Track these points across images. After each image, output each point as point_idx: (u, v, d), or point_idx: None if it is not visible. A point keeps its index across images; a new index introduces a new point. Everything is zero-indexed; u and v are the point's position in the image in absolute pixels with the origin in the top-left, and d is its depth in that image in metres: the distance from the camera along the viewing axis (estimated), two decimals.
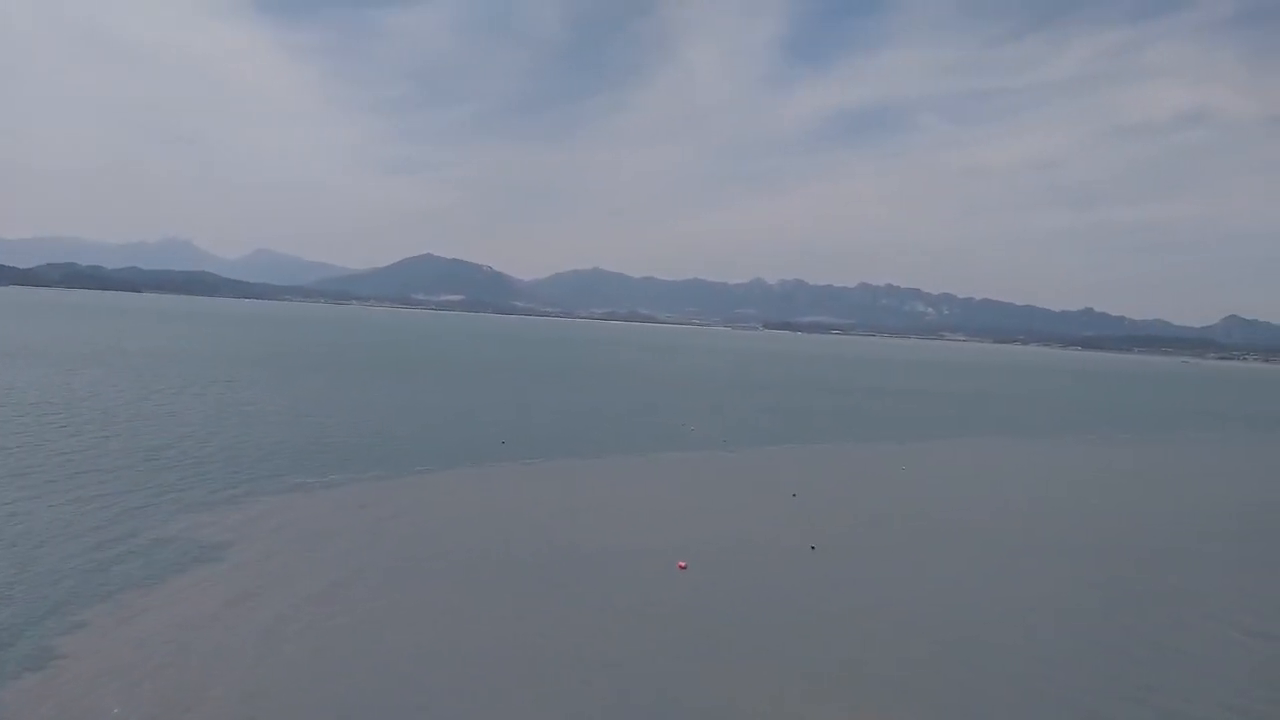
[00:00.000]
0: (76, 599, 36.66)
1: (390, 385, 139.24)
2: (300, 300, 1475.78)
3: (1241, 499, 79.90)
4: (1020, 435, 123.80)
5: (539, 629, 36.50)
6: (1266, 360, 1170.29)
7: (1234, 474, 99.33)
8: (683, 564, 46.88)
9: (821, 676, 33.16)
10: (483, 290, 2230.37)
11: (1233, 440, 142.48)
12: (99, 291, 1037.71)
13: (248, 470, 65.04)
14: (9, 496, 52.62)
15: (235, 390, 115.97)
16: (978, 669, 34.87)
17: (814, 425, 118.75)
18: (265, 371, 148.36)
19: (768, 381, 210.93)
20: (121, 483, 58.43)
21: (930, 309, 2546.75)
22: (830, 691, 31.85)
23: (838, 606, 41.77)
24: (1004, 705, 31.59)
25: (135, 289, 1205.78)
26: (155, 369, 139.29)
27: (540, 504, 60.03)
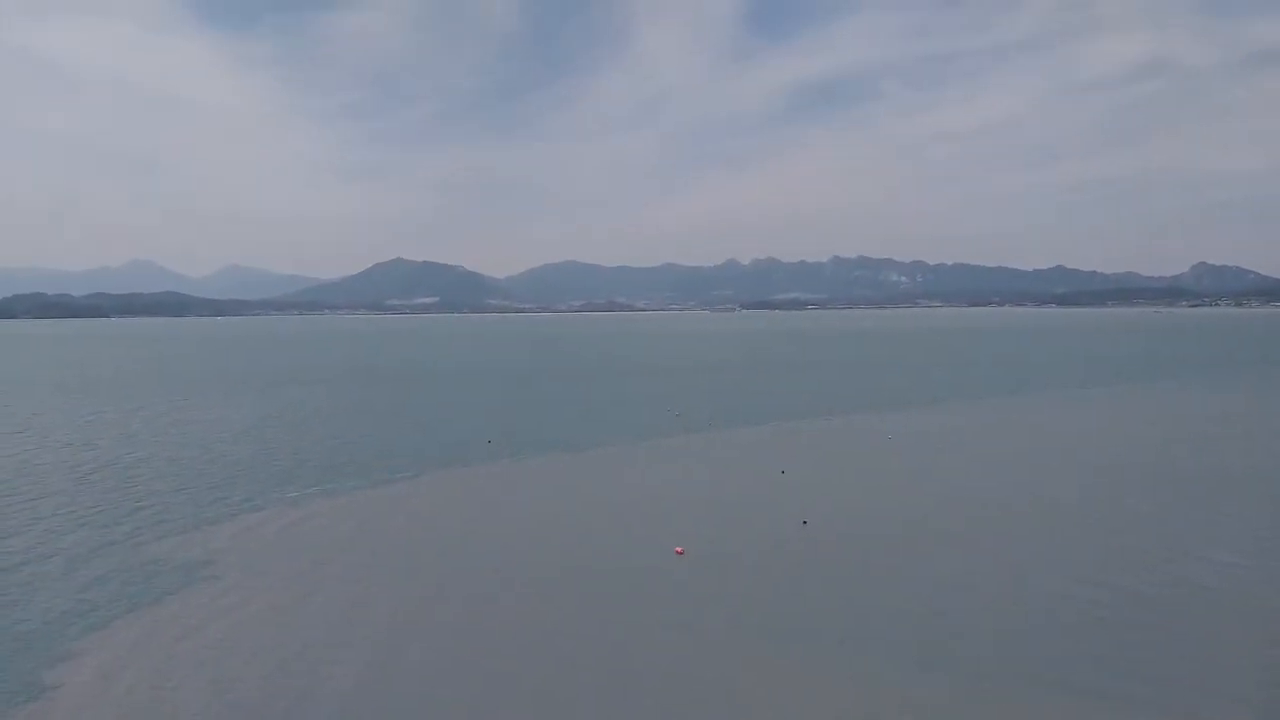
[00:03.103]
0: (70, 625, 36.48)
1: (368, 394, 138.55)
2: (273, 314, 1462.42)
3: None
4: (999, 396, 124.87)
5: (541, 626, 36.61)
6: (1238, 304, 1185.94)
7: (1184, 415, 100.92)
8: (680, 549, 47.08)
9: (823, 649, 33.53)
10: (457, 291, 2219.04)
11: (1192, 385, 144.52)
12: (69, 320, 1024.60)
13: (231, 487, 64.53)
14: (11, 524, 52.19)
15: (200, 410, 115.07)
16: (975, 636, 35.36)
17: (795, 402, 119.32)
18: (239, 389, 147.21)
19: (747, 361, 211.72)
20: (111, 506, 58.07)
21: (904, 278, 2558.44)
22: (832, 663, 32.22)
23: (833, 579, 42.19)
24: (997, 666, 32.12)
25: (103, 314, 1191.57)
26: (128, 394, 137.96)
27: (532, 500, 60.06)
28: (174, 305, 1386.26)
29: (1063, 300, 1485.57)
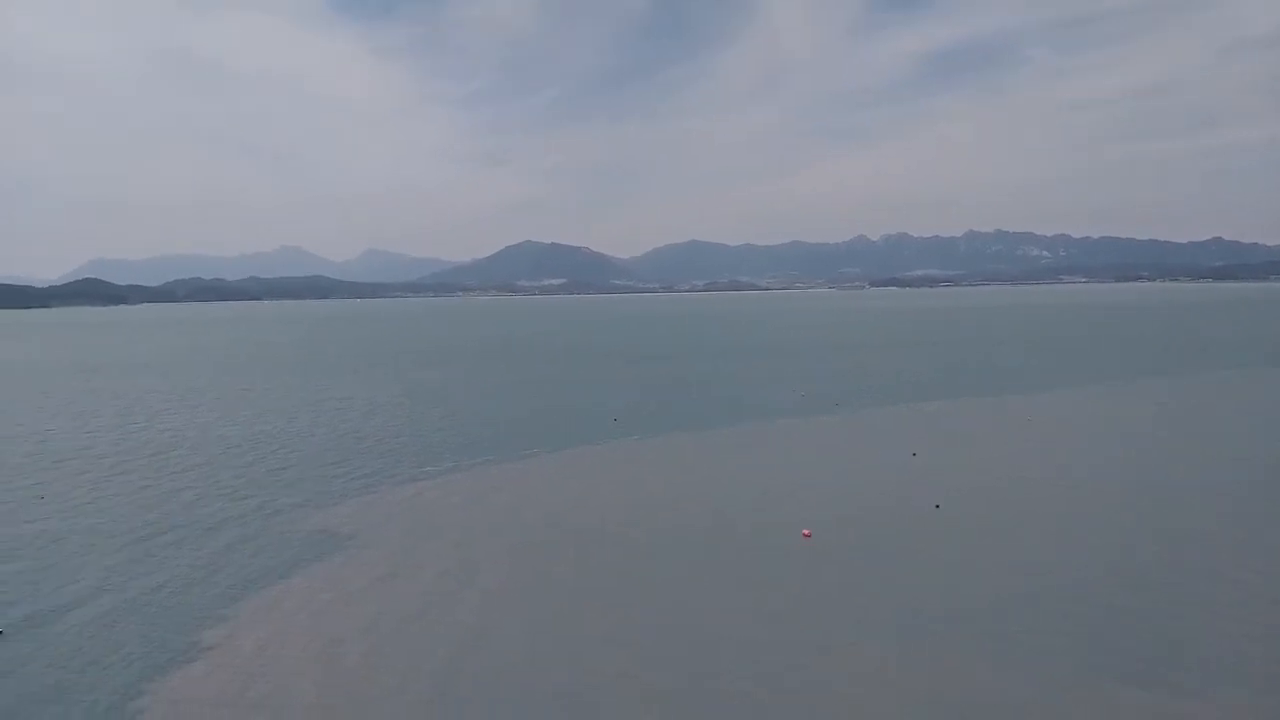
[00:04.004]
0: (226, 590, 39.71)
1: (498, 373, 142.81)
2: (409, 296, 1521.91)
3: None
4: (1150, 377, 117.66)
5: (667, 605, 37.34)
6: None
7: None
8: (807, 532, 46.93)
9: (956, 638, 32.91)
10: (583, 271, 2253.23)
11: None
12: (223, 302, 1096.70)
13: (363, 461, 68.27)
14: (175, 486, 57.22)
15: (354, 386, 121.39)
16: (1124, 628, 33.93)
17: (928, 382, 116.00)
18: (384, 368, 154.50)
19: (876, 341, 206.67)
20: (251, 477, 62.68)
21: (1045, 252, 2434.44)
22: (967, 653, 31.60)
23: (967, 566, 41.18)
24: (1151, 666, 30.76)
25: (256, 297, 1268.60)
26: (275, 372, 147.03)
27: (658, 479, 60.94)
28: (320, 288, 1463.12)
29: (1220, 274, 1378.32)
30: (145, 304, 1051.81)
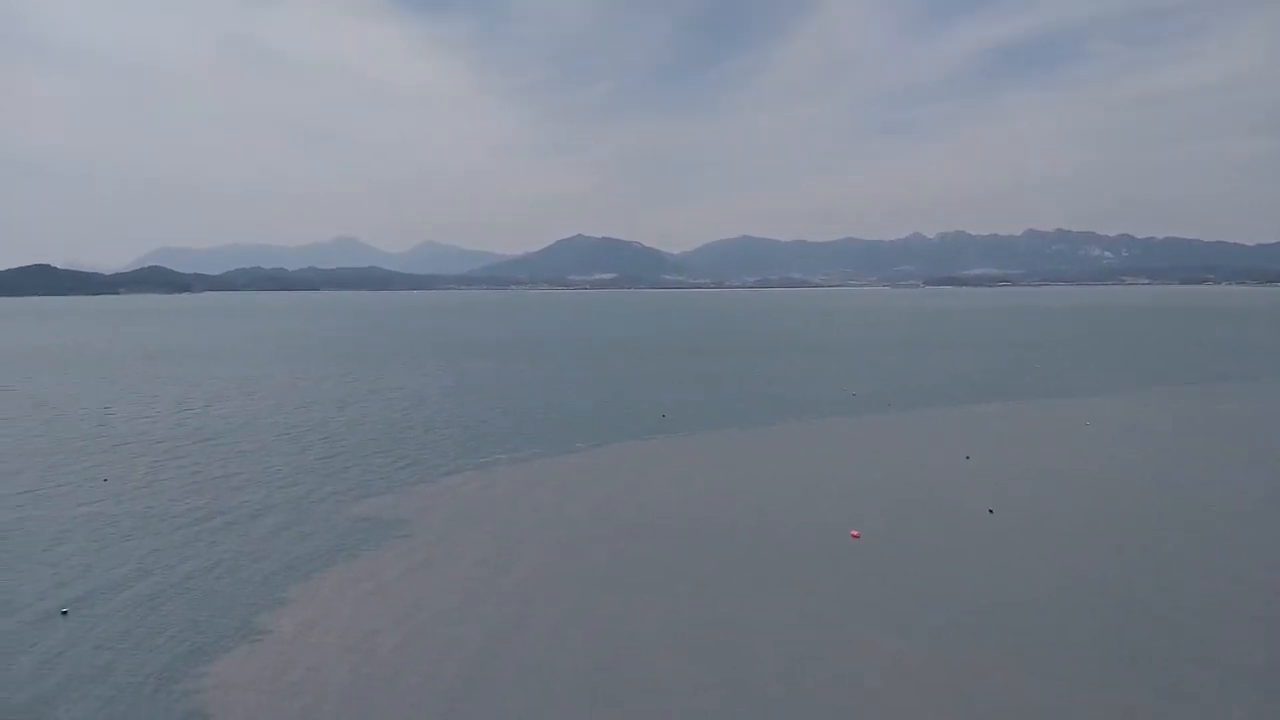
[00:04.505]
0: (271, 576, 40.07)
1: (549, 366, 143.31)
2: (462, 288, 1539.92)
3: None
4: (1216, 383, 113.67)
5: (708, 603, 36.75)
6: None
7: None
8: (855, 533, 45.95)
9: (1006, 647, 31.80)
10: (634, 266, 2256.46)
11: None
12: (283, 292, 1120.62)
13: (421, 452, 68.71)
14: (226, 471, 58.23)
15: (405, 377, 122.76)
16: (1182, 642, 32.47)
17: (984, 383, 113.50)
18: (436, 359, 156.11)
19: (930, 340, 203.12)
20: (317, 466, 63.40)
21: (1107, 252, 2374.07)
22: (1015, 663, 30.49)
23: (1020, 573, 39.87)
24: (1207, 679, 29.34)
25: (314, 287, 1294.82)
26: (336, 361, 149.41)
27: (705, 476, 60.33)
28: (376, 280, 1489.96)
29: None
30: (207, 292, 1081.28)
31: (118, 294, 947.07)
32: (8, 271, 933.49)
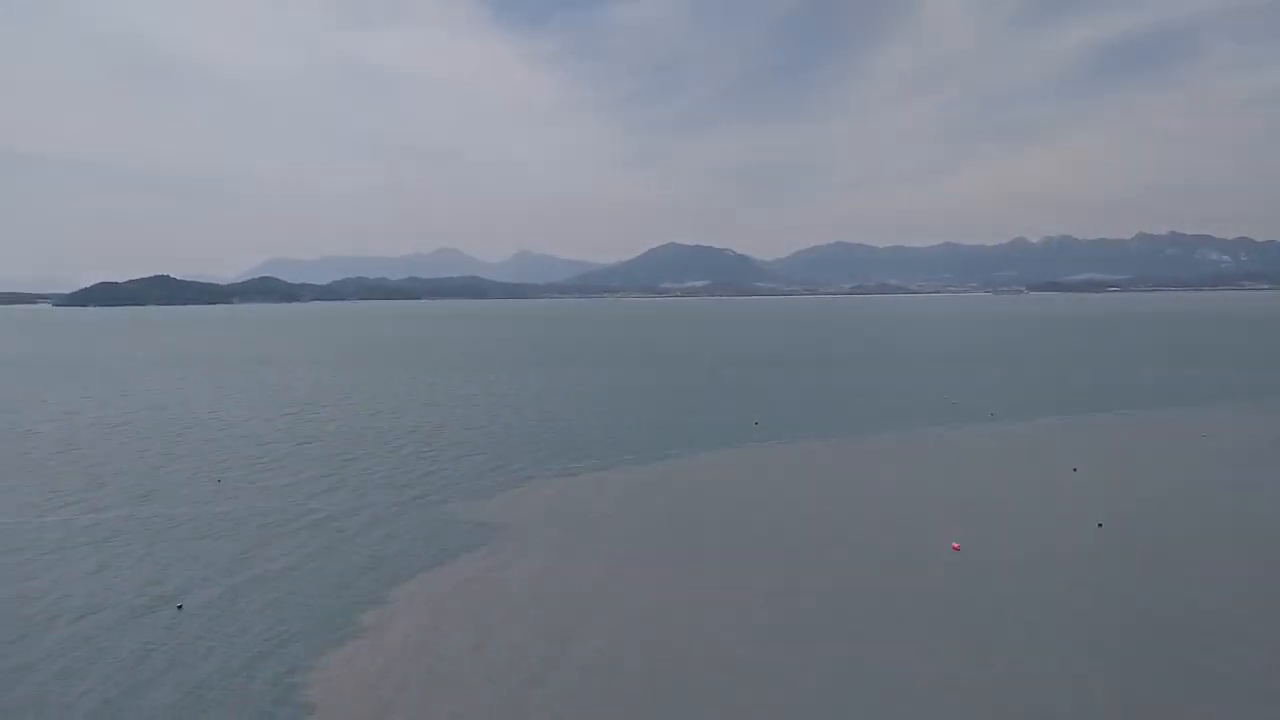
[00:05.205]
0: (383, 577, 41.65)
1: (642, 374, 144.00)
2: (557, 296, 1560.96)
3: None
4: None
5: (808, 610, 36.53)
6: None
7: None
8: (956, 545, 44.95)
9: (1113, 662, 30.68)
10: (727, 273, 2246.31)
11: None
12: (386, 301, 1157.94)
13: (512, 456, 70.30)
14: (318, 473, 60.74)
15: (499, 383, 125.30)
16: None
17: (1093, 393, 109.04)
18: (530, 366, 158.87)
19: (1034, 348, 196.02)
20: (410, 469, 65.49)
21: (1225, 256, 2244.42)
22: (1125, 680, 29.39)
23: (1130, 590, 38.32)
24: None
25: (415, 296, 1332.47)
26: (434, 368, 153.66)
27: (801, 484, 59.85)
28: (474, 289, 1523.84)
29: None
30: (315, 301, 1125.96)
31: (231, 303, 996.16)
32: (131, 282, 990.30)
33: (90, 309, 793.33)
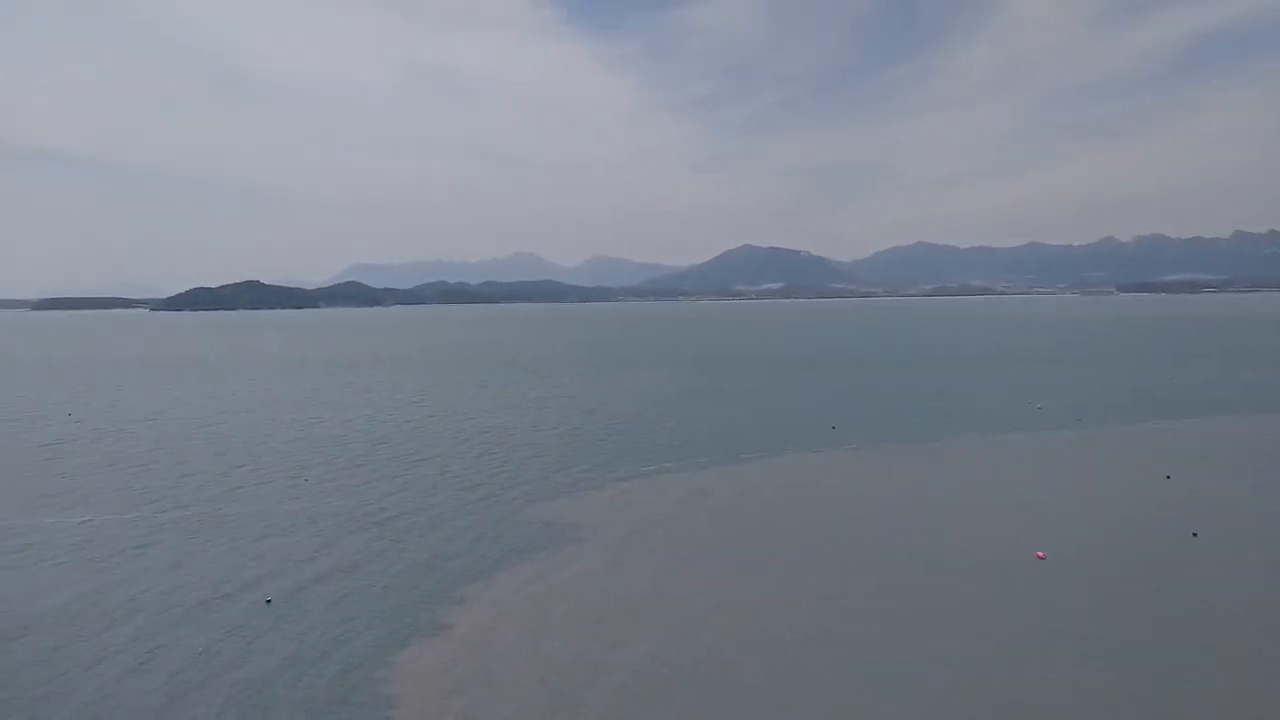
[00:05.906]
0: (451, 575, 42.07)
1: (715, 376, 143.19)
2: (631, 300, 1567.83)
3: None
4: None
5: (886, 618, 35.58)
6: None
7: None
8: (1041, 554, 43.30)
9: (1210, 682, 29.01)
10: (802, 275, 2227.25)
11: None
12: (466, 305, 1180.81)
13: (580, 458, 70.35)
14: (407, 475, 61.88)
15: (577, 386, 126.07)
16: None
17: (1187, 397, 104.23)
18: (606, 369, 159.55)
19: (1126, 350, 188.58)
20: (477, 470, 66.20)
21: None
22: (1220, 700, 27.77)
23: (1230, 604, 36.25)
24: None
25: (493, 300, 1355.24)
26: (508, 371, 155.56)
27: (880, 489, 58.55)
28: (550, 292, 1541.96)
29: None
30: (397, 306, 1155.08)
31: (317, 307, 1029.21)
32: (222, 288, 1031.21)
33: (185, 313, 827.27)
